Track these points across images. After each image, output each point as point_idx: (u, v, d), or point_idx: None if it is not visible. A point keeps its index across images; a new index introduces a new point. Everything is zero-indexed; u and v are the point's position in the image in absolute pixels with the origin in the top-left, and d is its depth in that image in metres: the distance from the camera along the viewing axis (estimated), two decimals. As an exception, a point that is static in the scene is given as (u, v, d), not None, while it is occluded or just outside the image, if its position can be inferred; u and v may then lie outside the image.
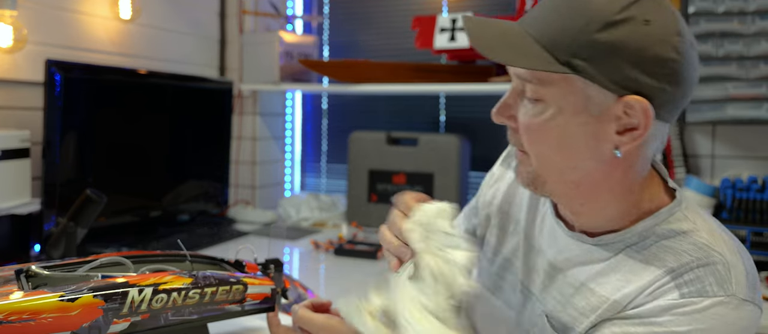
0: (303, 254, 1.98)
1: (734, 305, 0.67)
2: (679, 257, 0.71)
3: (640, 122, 0.69)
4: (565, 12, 0.69)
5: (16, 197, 1.63)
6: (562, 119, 0.71)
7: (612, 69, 0.67)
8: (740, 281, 0.69)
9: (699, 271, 0.69)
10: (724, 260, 0.70)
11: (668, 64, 0.67)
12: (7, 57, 1.70)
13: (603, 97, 0.69)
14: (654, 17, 0.67)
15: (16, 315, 0.71)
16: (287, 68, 2.38)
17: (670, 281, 0.70)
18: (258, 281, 0.92)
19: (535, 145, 0.74)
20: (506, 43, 0.71)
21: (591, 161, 0.72)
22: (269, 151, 2.65)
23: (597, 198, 0.76)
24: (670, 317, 0.68)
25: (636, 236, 0.75)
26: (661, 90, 0.68)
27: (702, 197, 1.86)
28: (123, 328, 0.78)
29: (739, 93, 1.80)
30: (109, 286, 0.77)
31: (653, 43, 0.67)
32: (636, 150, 0.72)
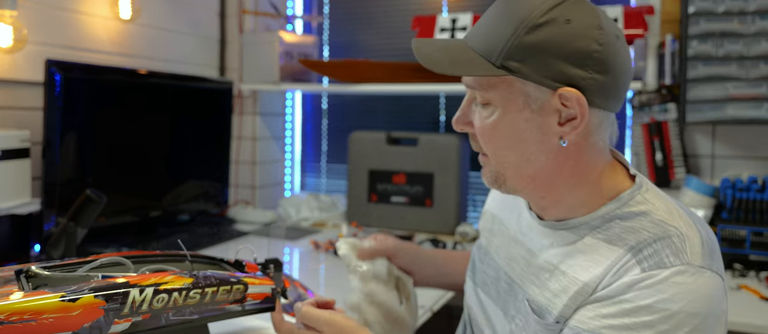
0: (303, 254, 1.98)
1: (692, 273, 0.72)
2: (638, 235, 0.76)
3: (577, 111, 0.76)
4: (497, 22, 0.78)
5: (16, 197, 1.63)
6: (508, 118, 0.79)
7: (542, 66, 0.75)
8: (696, 250, 0.74)
9: (656, 245, 0.74)
10: (679, 232, 0.75)
11: (592, 55, 0.75)
12: (7, 57, 1.70)
13: (540, 93, 0.76)
14: (574, 16, 0.75)
15: (18, 316, 0.71)
16: (287, 68, 2.38)
17: (631, 259, 0.75)
18: (258, 281, 0.92)
19: (490, 146, 0.82)
20: (449, 57, 0.80)
21: (541, 154, 0.79)
22: (269, 151, 2.65)
23: (554, 190, 0.82)
24: (635, 292, 0.73)
25: (599, 220, 0.81)
26: (590, 79, 0.75)
27: (702, 196, 1.86)
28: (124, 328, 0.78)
29: (739, 93, 1.80)
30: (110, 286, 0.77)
31: (576, 38, 0.74)
32: (582, 140, 0.79)
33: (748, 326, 1.36)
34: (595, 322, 0.75)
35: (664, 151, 1.97)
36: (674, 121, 1.95)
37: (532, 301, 0.85)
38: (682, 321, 0.71)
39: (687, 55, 1.85)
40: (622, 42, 0.78)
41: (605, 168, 0.83)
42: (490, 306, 0.97)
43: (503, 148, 0.81)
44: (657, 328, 0.71)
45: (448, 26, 2.06)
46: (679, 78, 1.89)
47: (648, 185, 0.83)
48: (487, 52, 0.77)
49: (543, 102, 0.77)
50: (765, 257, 1.70)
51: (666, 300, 0.71)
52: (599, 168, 0.82)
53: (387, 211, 2.33)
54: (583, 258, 0.80)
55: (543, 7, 0.75)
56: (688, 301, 0.71)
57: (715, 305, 0.73)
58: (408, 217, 2.31)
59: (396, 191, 2.33)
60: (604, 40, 0.75)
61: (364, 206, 2.37)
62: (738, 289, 1.58)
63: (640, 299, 0.72)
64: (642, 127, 1.99)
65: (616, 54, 0.77)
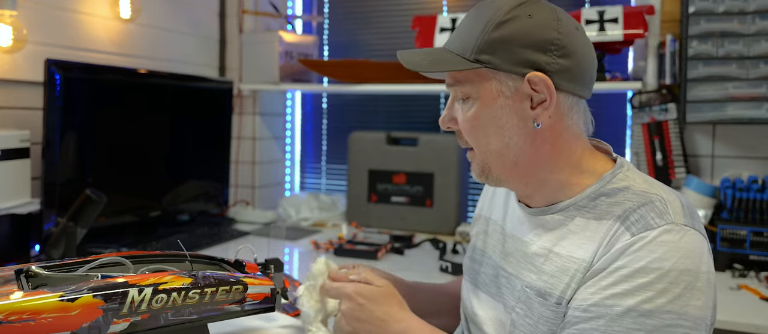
0: (303, 254, 1.98)
1: (677, 230, 0.79)
2: (623, 205, 0.83)
3: (546, 94, 0.84)
4: (469, 26, 0.88)
5: (16, 196, 1.63)
6: (486, 107, 0.87)
7: (510, 55, 0.84)
8: (677, 211, 0.81)
9: (641, 210, 0.81)
10: (660, 197, 0.83)
11: (554, 42, 0.84)
12: (7, 57, 1.70)
13: (511, 80, 0.85)
14: (535, 12, 0.85)
15: (16, 315, 0.71)
16: (287, 68, 2.38)
17: (620, 227, 0.81)
18: (258, 281, 0.92)
19: (473, 137, 0.90)
20: (429, 59, 0.90)
21: (519, 138, 0.87)
22: (269, 151, 2.65)
23: (535, 174, 0.89)
24: (628, 257, 0.79)
25: (585, 199, 0.87)
26: (554, 63, 0.84)
27: (702, 197, 1.86)
28: (123, 328, 0.78)
29: (739, 93, 1.80)
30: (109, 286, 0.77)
31: (538, 29, 0.84)
32: (556, 122, 0.87)
33: (748, 326, 1.36)
34: (597, 295, 0.79)
35: (664, 151, 1.97)
36: (674, 121, 1.95)
37: (531, 287, 0.89)
38: (676, 278, 0.76)
39: (687, 55, 1.85)
40: (581, 32, 0.88)
41: (584, 152, 0.90)
42: (490, 304, 0.99)
43: (485, 137, 0.89)
44: (654, 287, 0.76)
45: (448, 26, 2.06)
46: (679, 78, 1.89)
47: (629, 165, 0.90)
48: (461, 51, 0.87)
49: (515, 88, 0.85)
50: (765, 257, 1.70)
51: (658, 259, 0.77)
52: (578, 152, 0.89)
53: (387, 211, 2.33)
54: (575, 238, 0.86)
55: (506, 7, 0.85)
56: (678, 257, 0.77)
57: (704, 263, 0.78)
58: (408, 217, 2.31)
59: (396, 191, 2.33)
60: (563, 29, 0.85)
61: (364, 206, 2.37)
62: (738, 289, 1.58)
63: (634, 263, 0.78)
64: (642, 127, 1.99)
65: (576, 42, 0.86)
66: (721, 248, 1.74)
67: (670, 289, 0.76)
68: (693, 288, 0.76)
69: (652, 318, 0.76)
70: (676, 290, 0.76)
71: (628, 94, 2.08)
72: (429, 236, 2.20)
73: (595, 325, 0.78)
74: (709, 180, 1.96)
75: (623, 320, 0.77)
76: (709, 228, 1.82)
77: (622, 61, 2.21)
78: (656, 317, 0.76)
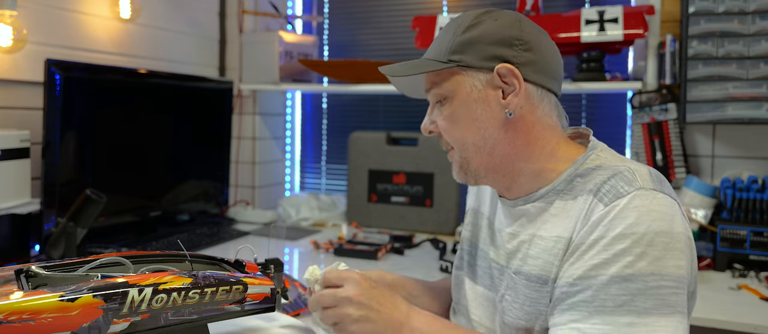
0: (303, 254, 1.98)
1: (646, 195, 0.83)
2: (595, 180, 0.88)
3: (515, 83, 0.90)
4: (442, 35, 0.97)
5: (16, 196, 1.63)
6: (461, 104, 0.93)
7: (479, 53, 0.91)
8: (645, 178, 0.85)
9: (611, 181, 0.86)
10: (628, 167, 0.87)
11: (518, 38, 0.91)
12: (7, 57, 1.70)
13: (481, 75, 0.92)
14: (500, 17, 0.93)
15: (16, 315, 0.71)
16: (287, 68, 2.38)
17: (593, 199, 0.86)
18: (258, 281, 0.92)
19: (452, 134, 0.96)
20: (407, 65, 0.97)
21: (494, 129, 0.93)
22: (269, 151, 2.65)
23: (512, 165, 0.94)
24: (604, 226, 0.82)
25: (563, 183, 0.92)
26: (520, 55, 0.91)
27: (702, 197, 1.86)
28: (123, 328, 0.78)
29: (739, 93, 1.80)
30: (109, 286, 0.77)
31: (503, 28, 0.92)
32: (528, 114, 0.93)
33: (748, 326, 1.36)
34: (581, 269, 0.83)
35: (664, 151, 1.97)
36: (674, 121, 1.95)
37: (518, 272, 0.93)
38: (652, 240, 0.79)
39: (687, 55, 1.85)
40: (545, 35, 0.95)
41: (559, 141, 0.95)
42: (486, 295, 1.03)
43: (462, 131, 0.94)
44: (633, 251, 0.79)
45: (448, 26, 2.06)
46: (679, 78, 1.89)
47: (602, 145, 0.95)
48: (435, 55, 0.95)
49: (486, 82, 0.92)
50: (765, 257, 1.70)
51: (632, 224, 0.80)
52: (552, 141, 0.94)
53: (387, 211, 2.33)
54: (556, 220, 0.90)
55: (474, 14, 0.94)
56: (651, 220, 0.80)
57: (677, 224, 0.82)
58: (408, 217, 2.31)
59: (396, 191, 2.33)
60: (526, 29, 0.92)
61: (364, 206, 2.37)
62: (738, 289, 1.58)
63: (610, 231, 0.81)
64: (642, 127, 1.99)
65: (541, 40, 0.93)
66: (721, 248, 1.74)
67: (648, 252, 0.79)
68: (671, 249, 0.80)
69: (635, 282, 0.79)
70: (655, 252, 0.79)
71: (628, 94, 2.08)
72: (429, 236, 2.20)
73: (583, 297, 0.81)
74: (709, 180, 1.96)
75: (609, 288, 0.80)
76: (709, 228, 1.83)
77: (622, 61, 2.21)
78: (639, 281, 0.79)
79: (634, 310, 0.78)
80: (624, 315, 0.78)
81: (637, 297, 0.78)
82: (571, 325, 0.81)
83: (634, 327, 0.78)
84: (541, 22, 1.99)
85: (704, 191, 1.86)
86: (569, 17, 1.94)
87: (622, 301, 0.79)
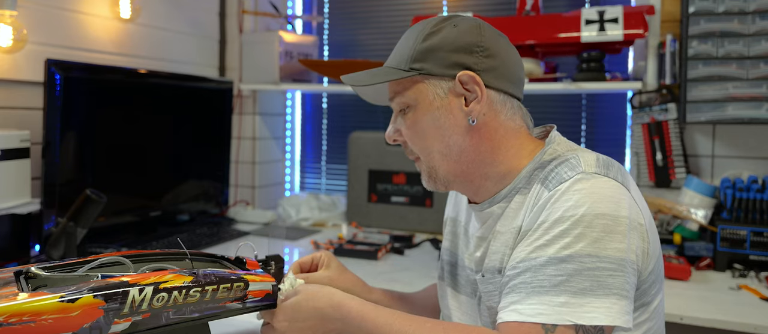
0: (303, 254, 1.97)
1: (587, 179, 0.84)
2: (545, 169, 0.90)
3: (477, 90, 0.91)
4: (402, 42, 0.97)
5: (16, 197, 1.63)
6: (424, 113, 0.94)
7: (440, 61, 0.92)
8: (589, 163, 0.87)
9: (557, 168, 0.88)
10: (575, 155, 0.89)
11: (478, 44, 0.92)
12: (7, 57, 1.70)
13: (443, 83, 0.93)
14: (460, 23, 0.93)
15: (17, 317, 0.70)
16: (287, 68, 2.38)
17: (540, 187, 0.88)
18: (259, 278, 0.91)
19: (417, 142, 0.96)
20: (369, 74, 0.96)
21: (458, 136, 0.93)
22: (269, 151, 2.65)
23: (478, 170, 0.95)
24: (547, 210, 0.84)
25: (523, 180, 0.93)
26: (480, 62, 0.92)
27: (702, 197, 1.86)
28: (124, 328, 0.78)
29: (739, 93, 1.80)
30: (109, 286, 0.77)
31: (463, 35, 0.92)
32: (491, 120, 0.93)
33: (748, 326, 1.36)
34: (524, 252, 0.84)
35: (664, 151, 1.97)
36: (674, 121, 1.95)
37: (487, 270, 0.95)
38: (591, 222, 0.80)
39: (687, 55, 1.85)
40: (505, 40, 0.96)
41: (524, 142, 0.96)
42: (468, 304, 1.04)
43: (427, 140, 0.95)
44: (571, 233, 0.81)
45: (448, 26, 2.06)
46: (679, 78, 1.89)
47: (559, 138, 0.96)
48: (397, 64, 0.95)
49: (448, 89, 0.92)
50: (765, 257, 1.70)
51: (572, 207, 0.82)
52: (516, 144, 0.95)
53: (387, 211, 2.33)
54: (514, 213, 0.92)
55: (434, 21, 0.94)
56: (591, 202, 0.81)
57: (623, 208, 0.82)
58: (408, 217, 2.31)
59: (396, 191, 2.33)
60: (486, 34, 0.93)
61: (364, 206, 2.37)
62: (738, 289, 1.58)
63: (552, 215, 0.83)
64: (642, 127, 1.99)
65: (500, 45, 0.94)
66: (721, 248, 1.74)
67: (586, 233, 0.80)
68: (612, 231, 0.80)
69: (571, 263, 0.80)
70: (594, 234, 0.80)
71: (628, 94, 2.08)
72: (429, 236, 2.20)
73: (523, 279, 0.83)
74: (709, 180, 1.96)
75: (546, 268, 0.81)
76: (709, 228, 1.83)
77: (622, 61, 2.21)
78: (575, 261, 0.79)
79: (569, 290, 0.79)
80: (560, 295, 0.79)
81: (573, 277, 0.79)
82: (511, 307, 0.82)
83: (568, 307, 0.78)
84: (541, 22, 1.99)
85: (704, 190, 1.86)
86: (569, 17, 1.94)
87: (558, 281, 0.80)
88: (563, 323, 0.78)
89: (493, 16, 2.29)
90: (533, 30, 1.97)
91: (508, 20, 2.04)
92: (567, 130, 2.30)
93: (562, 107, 2.32)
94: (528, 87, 2.01)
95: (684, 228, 1.84)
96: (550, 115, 2.32)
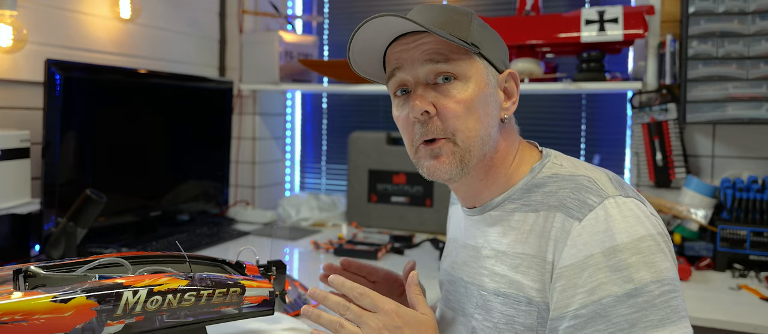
0: (303, 254, 1.98)
1: (613, 202, 0.81)
2: (557, 195, 0.86)
3: (515, 92, 0.93)
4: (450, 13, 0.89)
5: (16, 196, 1.63)
6: (479, 92, 0.88)
7: (494, 50, 0.91)
8: (606, 184, 0.84)
9: (577, 195, 0.83)
10: (587, 176, 0.86)
11: (507, 53, 0.95)
12: (7, 57, 1.70)
13: (494, 72, 0.90)
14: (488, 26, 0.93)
15: (9, 316, 0.70)
16: (287, 68, 2.38)
17: (564, 217, 0.82)
18: (256, 284, 0.91)
19: (464, 122, 0.86)
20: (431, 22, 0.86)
21: (494, 129, 0.90)
22: (269, 151, 2.65)
23: (492, 168, 0.91)
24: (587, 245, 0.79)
25: (519, 192, 0.90)
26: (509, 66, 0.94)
27: (702, 197, 1.85)
28: (117, 330, 0.78)
29: (739, 93, 1.80)
30: (102, 287, 0.77)
31: (499, 39, 0.94)
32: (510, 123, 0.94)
33: (748, 326, 1.35)
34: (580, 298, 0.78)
35: (664, 151, 1.96)
36: (674, 121, 1.94)
37: (486, 290, 0.90)
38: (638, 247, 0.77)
39: (687, 55, 1.84)
40: None
41: (520, 147, 0.95)
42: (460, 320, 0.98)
43: (475, 121, 0.87)
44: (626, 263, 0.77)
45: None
46: (679, 78, 1.89)
47: (555, 153, 0.94)
48: (453, 31, 0.86)
49: (497, 80, 0.91)
50: (765, 257, 1.70)
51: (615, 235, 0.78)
52: (518, 147, 0.94)
53: (387, 211, 2.33)
54: (516, 234, 0.88)
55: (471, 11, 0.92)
56: (630, 227, 0.78)
57: (653, 226, 0.80)
58: (408, 217, 2.30)
59: (396, 191, 2.33)
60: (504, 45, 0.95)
61: (364, 206, 2.37)
62: (738, 289, 1.57)
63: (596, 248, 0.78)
64: (642, 127, 1.99)
65: None
66: (721, 248, 1.74)
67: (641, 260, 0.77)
68: (657, 251, 0.78)
69: (640, 295, 0.76)
70: (645, 259, 0.77)
71: (628, 94, 2.08)
72: (429, 236, 2.20)
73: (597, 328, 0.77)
74: (709, 180, 1.95)
75: (617, 309, 0.76)
76: (709, 228, 1.82)
77: (622, 61, 2.21)
78: (644, 293, 0.76)
79: (649, 325, 0.75)
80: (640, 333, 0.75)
81: (647, 311, 0.75)
82: None
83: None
84: (541, 22, 1.99)
85: (704, 191, 1.85)
86: (569, 17, 1.94)
87: (635, 319, 0.75)
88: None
89: (493, 16, 2.29)
90: (533, 30, 1.97)
91: (508, 20, 2.04)
92: (567, 130, 2.29)
93: (562, 107, 2.31)
94: (528, 87, 2.01)
95: (684, 228, 1.84)
96: (550, 115, 2.32)
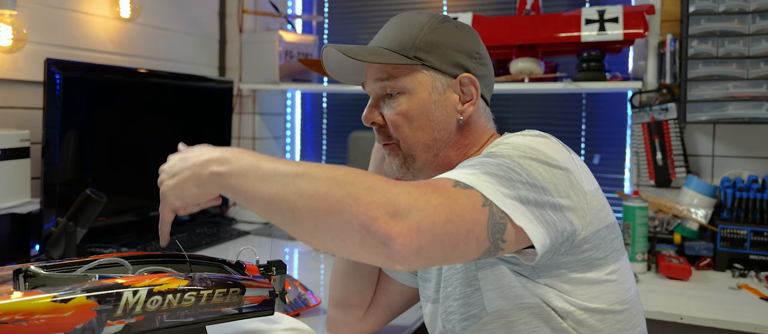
0: (303, 254, 1.98)
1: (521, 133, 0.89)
2: None
3: (473, 93, 0.96)
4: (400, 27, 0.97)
5: (16, 196, 1.63)
6: (419, 102, 0.94)
7: (445, 56, 0.95)
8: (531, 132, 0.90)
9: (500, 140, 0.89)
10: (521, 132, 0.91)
11: (477, 51, 0.98)
12: (7, 57, 1.70)
13: (443, 79, 0.95)
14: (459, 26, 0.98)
15: (8, 316, 0.70)
16: (287, 68, 2.38)
17: None
18: (256, 284, 0.91)
19: (404, 132, 0.96)
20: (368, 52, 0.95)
21: (445, 132, 0.96)
22: (269, 151, 2.65)
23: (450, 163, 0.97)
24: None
25: None
26: (477, 68, 0.97)
27: (702, 196, 1.85)
28: (117, 330, 0.78)
29: (739, 93, 1.80)
30: (102, 287, 0.77)
31: (465, 38, 0.97)
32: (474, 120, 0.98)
33: (748, 326, 1.35)
34: None
35: (664, 151, 1.96)
36: (674, 121, 1.94)
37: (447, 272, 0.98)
38: (523, 148, 0.83)
39: (687, 54, 1.84)
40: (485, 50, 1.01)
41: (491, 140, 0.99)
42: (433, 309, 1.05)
43: (415, 129, 0.95)
44: (501, 151, 0.82)
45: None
46: (679, 78, 1.89)
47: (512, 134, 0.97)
48: (398, 48, 0.95)
49: (446, 86, 0.95)
50: (765, 256, 1.70)
51: (504, 143, 0.85)
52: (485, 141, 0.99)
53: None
54: None
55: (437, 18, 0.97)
56: (524, 138, 0.86)
57: (553, 149, 0.84)
58: (408, 216, 2.30)
59: (396, 191, 2.33)
60: (482, 43, 0.99)
61: (364, 206, 2.37)
62: (738, 289, 1.57)
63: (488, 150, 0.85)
64: (642, 126, 1.99)
65: (488, 55, 1.01)
66: (721, 247, 1.74)
67: (514, 152, 0.82)
68: (539, 160, 0.81)
69: (494, 157, 0.81)
70: (522, 153, 0.82)
71: (629, 94, 2.08)
72: (429, 235, 2.20)
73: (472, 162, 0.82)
74: (710, 180, 1.95)
75: (490, 157, 0.81)
76: (709, 228, 1.82)
77: (622, 61, 2.21)
78: (497, 157, 0.81)
79: (481, 165, 0.79)
80: (477, 167, 0.79)
81: (488, 163, 0.79)
82: None
83: (470, 169, 0.79)
84: (541, 22, 1.99)
85: (704, 190, 1.85)
86: (569, 17, 1.94)
87: (477, 160, 0.81)
88: None
89: (493, 16, 2.29)
90: (533, 30, 1.97)
91: (508, 20, 2.04)
92: (567, 130, 2.29)
93: (562, 107, 2.31)
94: (528, 87, 2.01)
95: (684, 228, 1.84)
96: (550, 115, 2.32)
